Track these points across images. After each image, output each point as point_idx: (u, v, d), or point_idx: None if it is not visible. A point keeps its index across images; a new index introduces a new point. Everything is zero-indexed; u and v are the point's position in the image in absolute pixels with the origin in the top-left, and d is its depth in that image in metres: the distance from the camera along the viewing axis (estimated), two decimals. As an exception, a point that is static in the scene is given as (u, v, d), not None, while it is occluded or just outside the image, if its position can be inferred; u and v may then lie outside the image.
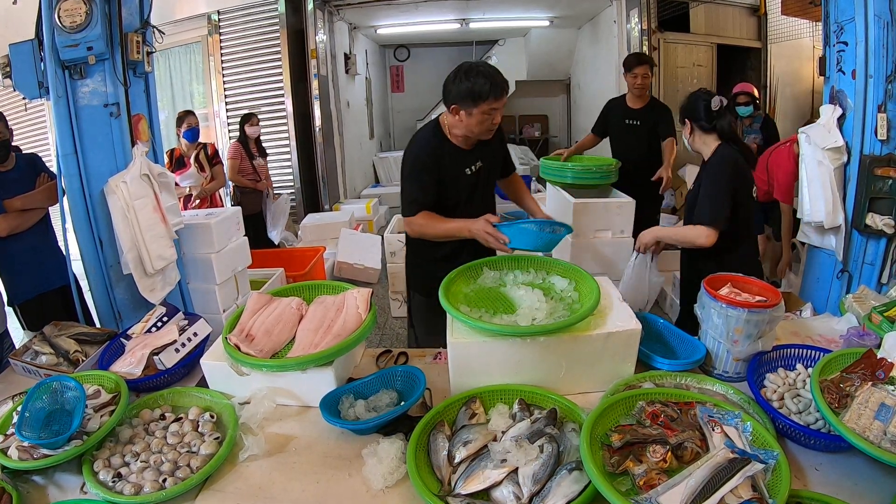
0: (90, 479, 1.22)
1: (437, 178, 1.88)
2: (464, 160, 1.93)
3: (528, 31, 7.69)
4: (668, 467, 1.10)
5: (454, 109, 1.80)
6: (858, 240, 2.22)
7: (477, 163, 1.96)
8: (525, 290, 1.60)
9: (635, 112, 3.54)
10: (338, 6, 5.82)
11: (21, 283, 2.36)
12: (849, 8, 2.10)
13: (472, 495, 1.13)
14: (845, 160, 2.22)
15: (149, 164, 2.01)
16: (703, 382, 1.42)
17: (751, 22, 5.57)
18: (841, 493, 1.10)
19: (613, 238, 2.78)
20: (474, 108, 1.75)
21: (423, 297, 2.11)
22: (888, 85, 2.03)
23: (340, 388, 1.48)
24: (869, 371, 1.22)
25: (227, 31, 5.49)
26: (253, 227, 4.31)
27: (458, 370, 1.45)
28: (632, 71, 3.41)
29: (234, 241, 2.41)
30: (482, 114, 1.76)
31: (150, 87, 2.14)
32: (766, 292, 1.51)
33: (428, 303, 2.05)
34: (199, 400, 1.50)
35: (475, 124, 1.79)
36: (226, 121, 5.65)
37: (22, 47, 1.91)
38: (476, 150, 1.95)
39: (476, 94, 1.72)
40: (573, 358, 1.43)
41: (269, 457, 1.32)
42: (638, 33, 5.19)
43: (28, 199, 2.29)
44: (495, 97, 1.73)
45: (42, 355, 1.75)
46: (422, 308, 2.15)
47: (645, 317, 1.69)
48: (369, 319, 1.59)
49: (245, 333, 1.59)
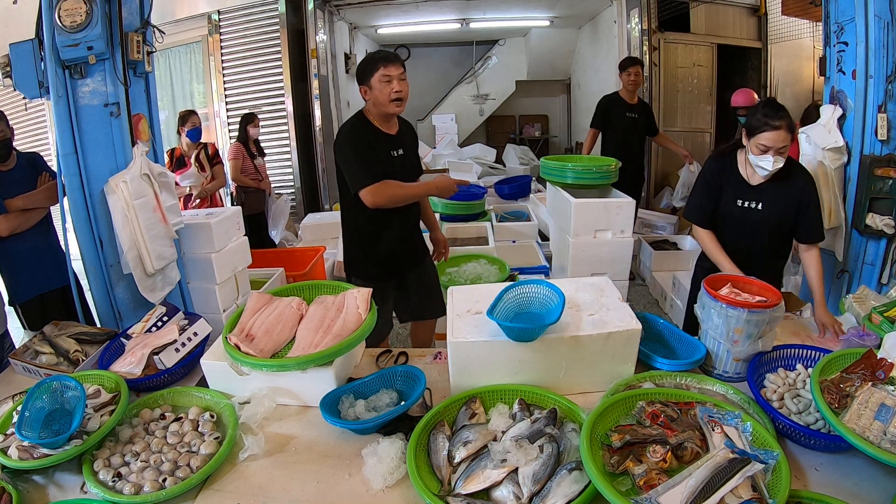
0: (90, 478, 1.22)
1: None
2: (389, 143, 2.11)
3: (528, 31, 7.68)
4: (668, 467, 1.10)
5: (363, 90, 2.04)
6: (858, 240, 2.22)
7: (399, 149, 2.14)
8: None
9: (633, 107, 4.04)
10: (338, 6, 5.81)
11: (22, 282, 2.36)
12: (849, 8, 2.10)
13: (472, 495, 1.13)
14: (845, 160, 2.22)
15: (149, 163, 2.01)
16: (703, 382, 1.42)
17: (751, 22, 5.57)
18: (841, 493, 1.10)
19: (613, 238, 2.78)
20: (371, 78, 1.98)
21: (364, 281, 2.15)
22: (888, 85, 2.03)
23: (340, 388, 1.48)
24: (869, 371, 1.22)
25: (227, 30, 5.48)
26: (256, 227, 4.32)
27: (458, 370, 1.45)
28: (627, 70, 3.94)
29: (235, 240, 2.41)
30: (380, 82, 1.97)
31: (150, 86, 2.14)
32: (766, 292, 1.52)
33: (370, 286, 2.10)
34: (199, 400, 1.50)
35: (377, 94, 1.99)
36: (226, 120, 5.65)
37: (22, 47, 1.90)
38: (397, 137, 2.14)
39: (370, 68, 1.99)
40: (573, 358, 1.43)
41: (269, 456, 1.33)
42: (638, 33, 5.19)
43: (29, 198, 2.29)
44: (384, 63, 1.96)
45: (42, 355, 1.75)
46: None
47: (645, 317, 1.69)
48: (369, 319, 1.59)
49: (245, 333, 1.59)
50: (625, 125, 4.03)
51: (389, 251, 2.18)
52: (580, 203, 2.76)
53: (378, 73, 1.96)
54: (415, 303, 2.33)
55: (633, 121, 4.04)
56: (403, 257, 2.26)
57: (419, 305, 2.37)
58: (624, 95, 4.04)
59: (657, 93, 5.30)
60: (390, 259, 2.20)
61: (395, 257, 2.21)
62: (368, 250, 2.17)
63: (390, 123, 2.12)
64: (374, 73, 1.97)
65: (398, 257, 2.23)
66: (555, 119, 9.18)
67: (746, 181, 1.96)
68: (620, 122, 4.03)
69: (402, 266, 2.26)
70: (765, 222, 1.95)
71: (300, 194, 5.74)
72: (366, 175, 1.98)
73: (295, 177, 5.71)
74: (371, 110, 2.08)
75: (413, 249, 2.31)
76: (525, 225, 3.89)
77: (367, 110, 2.10)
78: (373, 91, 2.00)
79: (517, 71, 8.26)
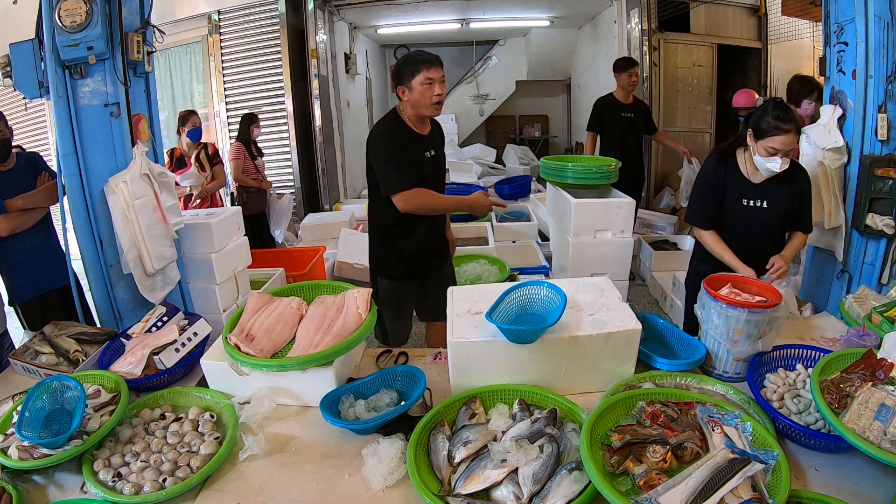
0: (90, 478, 1.22)
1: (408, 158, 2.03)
2: (423, 144, 2.09)
3: (528, 31, 7.68)
4: (668, 467, 1.10)
5: (401, 91, 2.01)
6: (858, 240, 2.22)
7: (432, 150, 2.13)
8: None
9: (629, 106, 4.07)
10: (338, 6, 5.81)
11: (22, 282, 2.36)
12: (849, 8, 2.09)
13: (472, 495, 1.13)
14: (845, 160, 2.22)
15: (149, 163, 2.01)
16: (703, 382, 1.42)
17: (751, 22, 5.57)
18: (841, 493, 1.10)
19: (613, 238, 2.78)
20: (412, 80, 1.95)
21: (390, 280, 2.21)
22: (888, 85, 2.02)
23: (340, 388, 1.48)
24: (869, 371, 1.22)
25: (227, 30, 5.48)
26: (256, 227, 4.33)
27: (458, 370, 1.45)
28: (628, 71, 3.97)
29: (235, 240, 2.41)
30: (421, 84, 1.95)
31: (150, 86, 2.14)
32: (766, 292, 1.52)
33: (395, 286, 2.21)
34: (199, 400, 1.50)
35: (418, 96, 1.97)
36: (226, 120, 5.64)
37: (22, 47, 1.90)
38: (429, 138, 2.13)
39: (411, 69, 1.95)
40: (573, 358, 1.43)
41: (269, 457, 1.33)
42: (638, 33, 5.19)
43: (29, 198, 2.29)
44: (427, 66, 1.94)
45: (42, 355, 1.75)
46: (389, 292, 2.22)
47: (645, 317, 1.69)
48: (369, 319, 1.59)
49: (245, 333, 1.59)
50: (621, 125, 4.05)
51: (417, 252, 2.18)
52: (580, 203, 2.76)
53: (420, 76, 1.93)
54: (433, 303, 2.34)
55: (630, 120, 4.07)
56: (429, 259, 2.27)
57: (437, 306, 2.39)
58: (619, 96, 4.06)
59: (657, 93, 5.30)
60: (417, 260, 2.21)
61: (422, 258, 2.22)
62: (396, 250, 2.17)
63: (424, 124, 2.10)
64: (416, 75, 1.94)
65: (424, 258, 2.24)
66: (555, 119, 9.18)
67: (749, 180, 1.97)
68: (616, 123, 4.05)
69: (428, 267, 2.27)
70: (771, 220, 1.96)
71: (300, 194, 5.74)
72: (400, 179, 1.98)
73: (295, 177, 5.71)
74: (406, 110, 2.05)
75: (439, 251, 2.32)
76: (525, 225, 3.89)
77: (401, 109, 2.07)
78: (412, 93, 1.97)
79: (517, 71, 8.26)
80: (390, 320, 2.25)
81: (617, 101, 4.07)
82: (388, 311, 2.24)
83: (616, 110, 4.05)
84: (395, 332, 2.27)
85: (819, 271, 2.48)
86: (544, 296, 1.55)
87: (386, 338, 2.28)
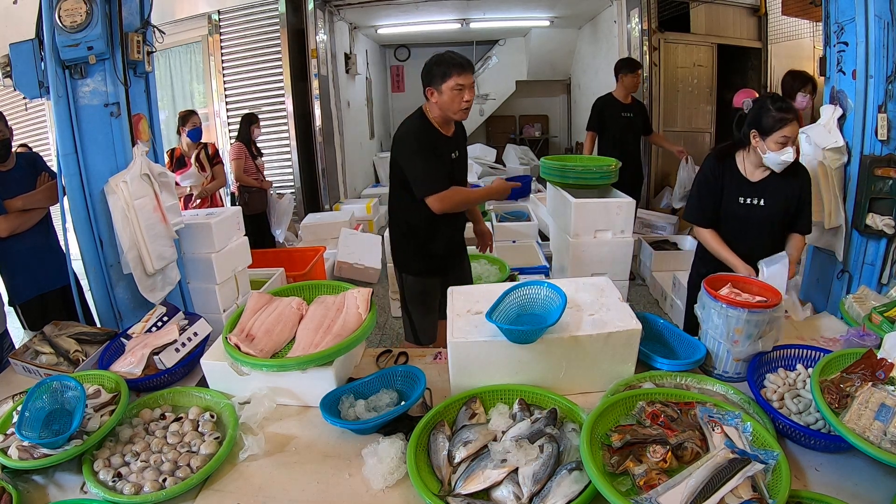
0: (90, 478, 1.22)
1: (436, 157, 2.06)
2: (447, 145, 2.12)
3: (528, 31, 7.69)
4: (668, 467, 1.10)
5: (430, 91, 2.02)
6: (858, 240, 2.22)
7: (456, 150, 2.17)
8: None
9: (628, 106, 4.11)
10: (338, 6, 5.81)
11: (22, 282, 2.36)
12: (849, 8, 2.10)
13: (472, 495, 1.13)
14: (845, 160, 2.22)
15: (149, 163, 2.01)
16: (704, 382, 1.42)
17: (751, 22, 5.57)
18: (841, 493, 1.10)
19: (613, 238, 2.78)
20: (443, 84, 1.96)
21: (415, 276, 2.23)
22: (888, 85, 2.03)
23: (340, 388, 1.48)
24: (869, 371, 1.22)
25: (227, 30, 5.48)
26: (257, 227, 4.33)
27: (458, 370, 1.45)
28: (635, 72, 4.02)
29: (235, 240, 2.41)
30: (451, 90, 1.96)
31: (150, 86, 2.14)
32: (766, 292, 1.51)
33: (420, 281, 2.23)
34: (199, 400, 1.50)
35: (447, 101, 1.98)
36: (226, 120, 5.65)
37: (22, 47, 1.90)
38: (454, 139, 2.15)
39: (443, 72, 1.96)
40: (573, 358, 1.43)
41: (269, 456, 1.33)
42: (638, 33, 5.19)
43: (29, 198, 2.29)
44: (458, 72, 1.95)
45: (42, 355, 1.75)
46: (415, 288, 2.25)
47: (645, 317, 1.69)
48: (369, 319, 1.59)
49: (245, 333, 1.59)
50: (620, 125, 4.07)
51: (440, 248, 2.22)
52: (580, 203, 2.76)
53: (451, 81, 1.95)
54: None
55: (629, 120, 4.09)
56: (452, 255, 2.31)
57: None
58: (618, 96, 4.08)
59: (657, 93, 5.30)
60: (441, 256, 2.24)
61: (445, 254, 2.26)
62: (421, 247, 2.20)
63: (449, 125, 2.13)
64: (447, 79, 1.95)
65: (447, 255, 2.28)
66: (555, 119, 9.19)
67: (747, 178, 1.97)
68: (616, 123, 4.07)
69: (450, 263, 2.31)
70: (768, 218, 1.96)
71: (300, 194, 5.74)
72: (434, 181, 2.02)
73: (295, 177, 5.72)
74: (433, 111, 2.07)
75: (459, 247, 2.37)
76: (525, 225, 3.89)
77: (427, 109, 2.09)
78: (442, 97, 1.98)
79: (517, 71, 8.26)
80: (420, 317, 2.27)
81: (616, 100, 4.09)
82: (417, 308, 2.27)
83: (616, 110, 4.07)
84: (425, 328, 2.29)
85: (819, 271, 2.48)
86: (544, 296, 1.55)
87: (417, 337, 2.29)
